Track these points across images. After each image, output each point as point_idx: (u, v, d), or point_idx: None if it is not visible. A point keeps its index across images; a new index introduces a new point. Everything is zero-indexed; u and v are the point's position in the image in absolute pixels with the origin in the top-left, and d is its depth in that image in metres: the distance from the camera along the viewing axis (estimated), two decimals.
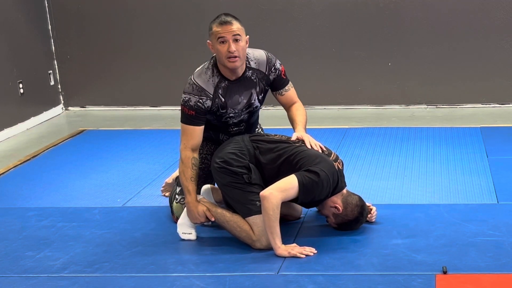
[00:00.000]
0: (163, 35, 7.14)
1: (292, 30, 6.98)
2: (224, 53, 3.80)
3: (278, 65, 4.04)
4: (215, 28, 3.82)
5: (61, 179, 5.15)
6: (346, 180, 3.80)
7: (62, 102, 7.40)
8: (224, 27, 3.80)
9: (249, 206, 3.76)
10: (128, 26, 7.17)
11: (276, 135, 4.01)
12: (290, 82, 4.15)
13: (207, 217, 3.87)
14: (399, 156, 5.40)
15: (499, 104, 6.89)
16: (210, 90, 3.87)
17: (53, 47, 7.26)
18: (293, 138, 3.94)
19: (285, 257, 3.64)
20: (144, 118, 6.99)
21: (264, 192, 3.64)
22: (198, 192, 4.05)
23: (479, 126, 6.14)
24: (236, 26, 3.82)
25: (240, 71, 3.90)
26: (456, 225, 4.00)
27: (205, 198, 3.97)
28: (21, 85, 6.72)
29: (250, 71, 3.95)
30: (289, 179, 3.67)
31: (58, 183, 5.07)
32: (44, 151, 5.92)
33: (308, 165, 3.72)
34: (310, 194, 3.70)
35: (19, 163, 5.59)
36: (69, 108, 7.43)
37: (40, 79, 7.08)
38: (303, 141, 3.90)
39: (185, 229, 3.95)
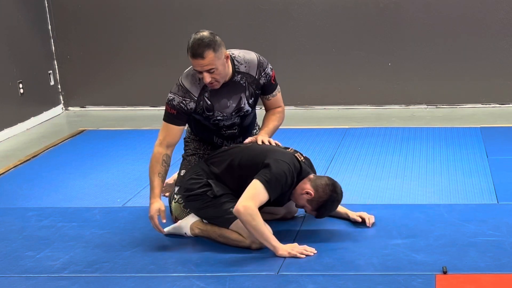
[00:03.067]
0: (163, 35, 7.14)
1: (292, 30, 6.98)
2: (201, 79, 3.80)
3: (269, 70, 4.01)
4: (190, 57, 3.75)
5: (61, 179, 5.15)
6: (346, 179, 3.79)
7: (62, 102, 7.41)
8: (195, 61, 3.72)
9: (226, 217, 3.77)
10: (128, 26, 7.17)
11: (234, 144, 4.04)
12: (278, 87, 4.12)
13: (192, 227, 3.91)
14: (399, 156, 5.40)
15: (499, 104, 6.89)
16: (195, 93, 3.87)
17: (53, 47, 7.26)
18: (246, 141, 3.96)
19: (285, 257, 3.64)
20: (144, 118, 6.99)
21: (237, 207, 3.62)
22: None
23: (479, 126, 6.14)
24: (207, 60, 3.69)
25: (227, 78, 3.87)
26: (456, 225, 4.00)
27: (195, 216, 3.97)
28: (21, 85, 6.72)
29: (239, 76, 3.92)
30: (252, 185, 3.66)
31: (58, 183, 5.07)
32: (44, 151, 5.92)
33: (261, 159, 3.71)
34: (277, 187, 3.67)
35: (19, 163, 5.59)
36: (69, 108, 7.43)
37: (40, 79, 7.08)
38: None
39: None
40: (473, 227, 3.96)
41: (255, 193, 3.63)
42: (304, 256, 3.65)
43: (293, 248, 3.68)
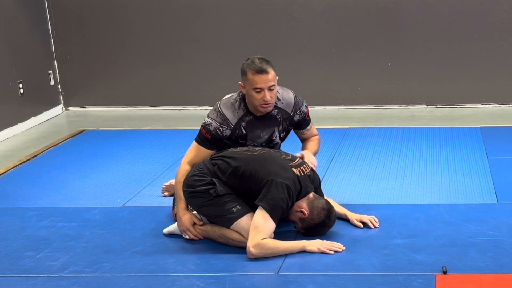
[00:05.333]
0: (163, 35, 7.14)
1: (292, 30, 6.98)
2: (258, 100, 3.89)
3: (304, 108, 4.15)
4: (251, 76, 3.85)
5: (61, 179, 5.15)
6: (346, 179, 3.79)
7: (62, 102, 7.41)
8: (261, 77, 3.84)
9: (228, 216, 3.78)
10: (128, 26, 7.17)
11: (240, 148, 4.03)
12: (311, 122, 4.25)
13: (194, 226, 3.90)
14: (399, 156, 5.40)
15: (499, 104, 6.89)
16: (233, 121, 3.96)
17: (53, 47, 7.26)
18: (297, 155, 4.03)
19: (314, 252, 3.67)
20: (144, 118, 6.99)
21: (248, 250, 3.63)
22: None
23: (479, 126, 6.14)
24: (271, 75, 3.87)
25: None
26: (456, 225, 4.00)
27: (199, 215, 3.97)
28: (21, 85, 6.72)
29: (276, 110, 4.04)
30: (258, 215, 3.67)
31: (58, 183, 5.06)
32: (44, 151, 5.92)
33: (264, 175, 3.73)
34: (279, 212, 3.71)
35: (19, 163, 5.59)
36: (69, 108, 7.43)
37: (40, 79, 7.08)
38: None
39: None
40: (473, 227, 3.96)
41: (260, 225, 3.65)
42: (333, 252, 3.67)
43: (322, 244, 3.70)
